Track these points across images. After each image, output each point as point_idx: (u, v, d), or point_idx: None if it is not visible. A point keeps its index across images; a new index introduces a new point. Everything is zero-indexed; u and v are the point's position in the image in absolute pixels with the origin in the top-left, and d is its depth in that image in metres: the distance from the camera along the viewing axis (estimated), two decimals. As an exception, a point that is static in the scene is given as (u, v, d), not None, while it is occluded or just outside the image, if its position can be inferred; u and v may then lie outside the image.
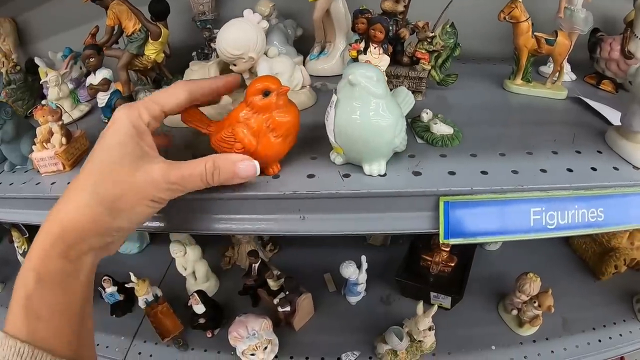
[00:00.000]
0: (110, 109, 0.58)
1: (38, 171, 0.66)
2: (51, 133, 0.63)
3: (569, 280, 0.96)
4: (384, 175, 0.46)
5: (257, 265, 0.93)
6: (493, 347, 0.85)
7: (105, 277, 1.00)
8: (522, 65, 0.69)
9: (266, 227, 0.46)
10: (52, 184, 0.61)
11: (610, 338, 0.86)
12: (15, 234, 1.14)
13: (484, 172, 0.47)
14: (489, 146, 0.51)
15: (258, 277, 0.93)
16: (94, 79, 0.56)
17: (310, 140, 0.51)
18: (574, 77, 0.83)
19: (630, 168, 0.50)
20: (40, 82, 0.93)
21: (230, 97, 0.59)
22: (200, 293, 0.88)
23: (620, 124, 0.53)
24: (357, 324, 0.92)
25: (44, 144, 0.62)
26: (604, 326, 0.88)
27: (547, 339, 0.86)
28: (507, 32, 0.68)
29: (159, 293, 0.96)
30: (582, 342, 0.85)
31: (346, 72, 0.42)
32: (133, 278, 0.92)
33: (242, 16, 0.56)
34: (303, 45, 0.84)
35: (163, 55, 0.75)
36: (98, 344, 1.00)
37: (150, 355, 0.94)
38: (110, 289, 0.99)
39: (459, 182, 0.45)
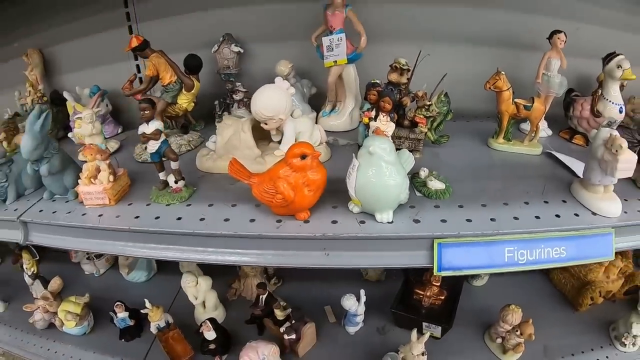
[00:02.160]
0: (159, 155, 0.74)
1: (81, 202, 0.79)
2: (98, 170, 0.77)
3: (549, 312, 1.14)
4: (391, 222, 0.63)
5: (264, 296, 1.07)
6: None
7: (118, 303, 1.12)
8: (503, 126, 0.89)
9: (296, 260, 0.62)
10: (100, 216, 0.75)
11: None
12: (25, 256, 1.26)
13: (468, 220, 0.65)
14: (473, 199, 0.69)
15: (265, 307, 1.07)
16: (147, 128, 0.71)
17: (330, 192, 0.68)
18: (550, 132, 1.03)
19: (589, 214, 0.69)
20: (73, 116, 1.06)
21: (259, 150, 0.76)
22: (212, 320, 1.02)
23: (582, 177, 0.72)
24: (355, 352, 1.07)
25: (91, 179, 0.76)
26: (582, 352, 1.05)
27: None
28: (492, 94, 0.87)
29: (170, 320, 1.09)
30: None
31: (366, 144, 0.60)
32: (148, 304, 1.05)
33: (264, 75, 0.74)
34: (315, 102, 1.02)
35: (193, 104, 0.92)
36: None
37: None
38: (122, 314, 1.12)
39: (449, 228, 0.63)
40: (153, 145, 0.70)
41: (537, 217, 0.67)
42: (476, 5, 0.95)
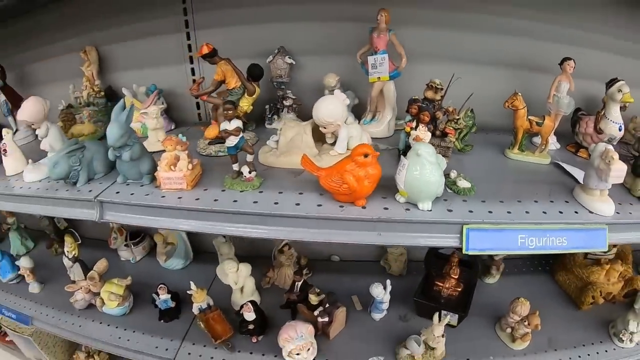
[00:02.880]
0: (236, 148, 0.99)
1: (156, 187, 1.03)
2: (177, 159, 1.02)
3: (554, 309, 1.41)
4: (430, 210, 0.90)
5: (299, 283, 1.34)
6: (491, 358, 1.27)
7: (161, 285, 1.37)
8: (518, 139, 1.17)
9: (356, 239, 0.89)
10: (179, 198, 1.00)
11: (588, 355, 1.30)
12: (68, 240, 1.50)
13: (490, 212, 0.92)
14: (493, 196, 0.97)
15: (300, 293, 1.33)
16: (229, 125, 0.96)
17: (377, 186, 0.94)
18: (558, 145, 1.31)
19: (587, 212, 0.96)
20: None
21: (316, 150, 1.04)
22: (253, 303, 1.28)
23: (582, 183, 0.99)
24: (380, 336, 1.34)
25: (171, 167, 1.01)
26: (583, 345, 1.33)
27: (535, 353, 1.31)
28: (509, 111, 1.15)
29: (211, 302, 1.34)
30: (565, 357, 1.29)
31: (415, 148, 0.87)
32: (193, 286, 1.31)
33: (312, 85, 1.03)
34: (356, 111, 1.30)
35: (251, 107, 1.19)
36: (148, 344, 1.36)
37: (200, 356, 1.31)
38: (165, 295, 1.37)
39: (475, 217, 0.90)
40: (232, 140, 0.96)
41: (544, 212, 0.95)
42: (498, 34, 1.25)
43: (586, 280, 1.46)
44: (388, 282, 1.34)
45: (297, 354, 1.23)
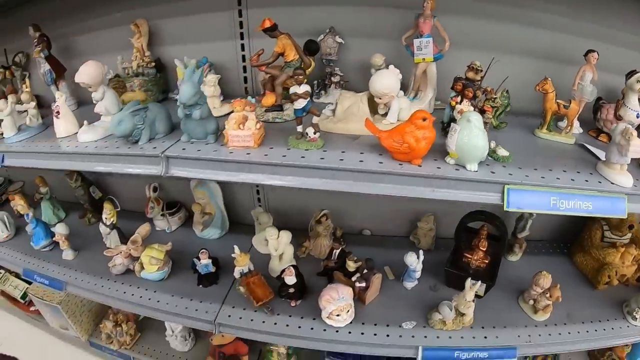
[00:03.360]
0: (303, 111, 1.19)
1: (222, 145, 1.23)
2: (245, 119, 1.22)
3: (572, 288, 1.65)
4: (476, 171, 1.13)
5: (338, 251, 1.55)
6: (515, 326, 1.50)
7: (203, 250, 1.57)
8: (547, 120, 1.41)
9: (413, 193, 1.11)
10: (248, 154, 1.20)
11: (604, 330, 1.53)
12: (108, 207, 1.70)
13: (526, 176, 1.15)
14: (527, 165, 1.20)
15: (338, 260, 1.54)
16: (299, 89, 1.16)
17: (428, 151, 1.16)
18: (581, 130, 1.56)
19: (609, 184, 1.20)
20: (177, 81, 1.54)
21: (371, 118, 1.26)
22: (295, 267, 1.48)
23: (605, 159, 1.23)
24: (411, 304, 1.55)
25: (240, 125, 1.22)
26: (599, 321, 1.56)
27: (555, 324, 1.53)
28: (539, 96, 1.40)
29: (252, 267, 1.54)
30: (582, 330, 1.52)
31: (466, 115, 1.10)
32: (236, 250, 1.51)
33: (359, 64, 1.30)
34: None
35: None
36: (187, 308, 1.55)
37: (240, 318, 1.51)
38: (206, 260, 1.56)
39: (514, 179, 1.12)
40: (301, 103, 1.17)
41: (572, 180, 1.18)
42: (530, 26, 1.49)
43: (602, 262, 1.69)
44: (421, 252, 1.56)
45: (337, 315, 1.44)
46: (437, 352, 1.47)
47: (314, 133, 1.18)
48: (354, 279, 1.51)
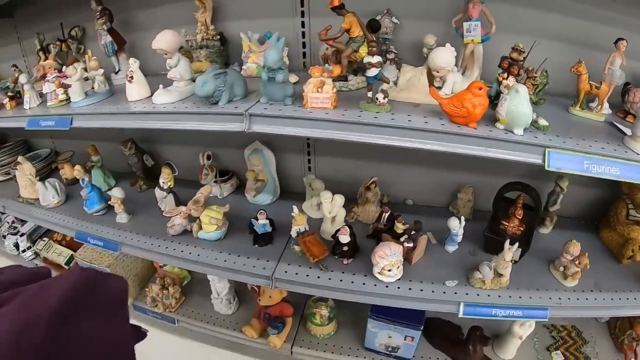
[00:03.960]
0: (375, 78, 1.54)
1: (299, 106, 1.59)
2: (322, 83, 1.58)
3: (599, 262, 2.01)
4: (522, 135, 1.50)
5: (387, 214, 1.90)
6: (547, 290, 1.86)
7: (261, 210, 1.92)
8: (580, 99, 1.79)
9: (470, 152, 1.47)
10: (326, 114, 1.54)
11: (627, 299, 1.89)
12: (166, 171, 2.03)
13: (564, 142, 1.52)
14: (563, 134, 1.57)
15: (387, 223, 1.90)
16: (372, 59, 1.50)
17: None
18: (610, 111, 1.93)
19: (634, 154, 1.56)
20: (247, 53, 1.89)
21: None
22: (350, 227, 1.83)
23: (631, 134, 1.60)
24: (452, 265, 1.91)
25: (318, 89, 1.57)
26: (623, 291, 1.91)
27: (583, 290, 1.88)
28: (572, 78, 1.77)
29: (307, 227, 1.89)
30: (607, 298, 1.87)
31: (515, 86, 1.47)
32: (295, 210, 1.85)
33: (411, 43, 1.67)
34: (448, 67, 1.90)
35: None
36: (244, 265, 1.90)
37: (296, 274, 1.85)
38: (263, 220, 1.90)
39: (554, 144, 1.49)
40: (373, 71, 1.53)
41: (602, 148, 1.55)
42: (568, 14, 1.87)
43: (627, 237, 2.06)
44: (462, 218, 1.91)
45: (389, 270, 1.78)
46: (476, 309, 1.81)
47: (383, 98, 1.53)
48: (402, 239, 1.86)
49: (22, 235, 3.40)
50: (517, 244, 1.80)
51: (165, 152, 2.66)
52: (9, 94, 2.27)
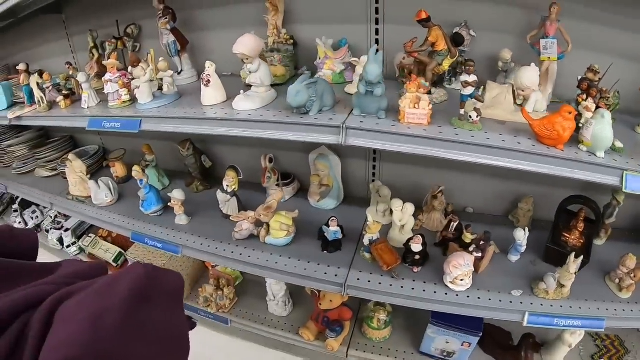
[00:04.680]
0: (470, 97, 1.83)
1: (395, 121, 1.88)
2: (418, 99, 1.87)
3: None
4: (604, 157, 1.83)
5: (455, 223, 2.22)
6: (603, 301, 2.22)
7: (332, 217, 2.21)
8: None
9: (557, 172, 1.79)
10: (424, 130, 1.83)
11: None
12: (231, 174, 2.30)
13: (639, 165, 1.86)
14: (637, 156, 1.90)
15: (455, 232, 2.22)
16: (469, 78, 1.80)
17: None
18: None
19: None
20: (323, 59, 2.16)
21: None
22: (422, 236, 2.14)
23: None
24: (516, 275, 2.25)
25: (415, 105, 1.86)
26: None
27: (636, 302, 2.25)
28: (636, 96, 2.11)
29: (378, 235, 2.19)
30: None
31: (601, 112, 1.80)
32: (370, 218, 2.15)
33: (487, 56, 1.98)
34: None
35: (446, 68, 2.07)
36: (316, 271, 2.20)
37: (369, 281, 2.16)
38: (335, 227, 2.20)
39: (631, 167, 1.82)
40: (469, 90, 1.83)
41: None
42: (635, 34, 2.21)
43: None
44: (526, 229, 2.25)
45: (461, 280, 2.11)
46: (540, 318, 2.16)
47: (477, 117, 1.83)
48: (471, 249, 2.18)
49: (66, 230, 3.75)
50: (580, 258, 2.15)
51: (222, 153, 2.92)
52: (64, 92, 2.47)
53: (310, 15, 2.36)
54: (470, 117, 1.84)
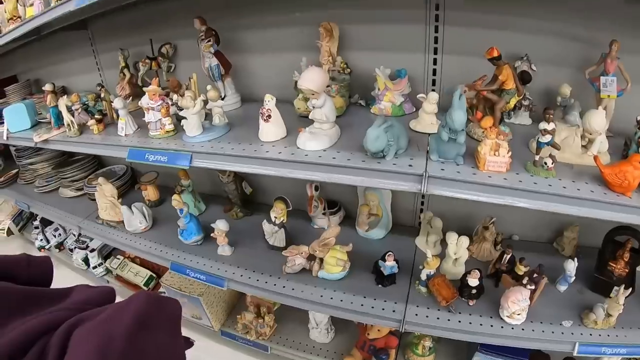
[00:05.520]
0: (547, 144, 2.07)
1: (472, 166, 2.11)
2: (498, 145, 2.10)
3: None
4: None
5: (508, 256, 2.49)
6: None
7: (389, 252, 2.43)
8: None
9: (629, 220, 2.07)
10: (505, 179, 2.09)
11: None
12: (280, 206, 2.49)
13: None
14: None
15: (507, 264, 2.49)
16: (548, 126, 2.02)
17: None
18: None
19: None
20: (383, 90, 2.37)
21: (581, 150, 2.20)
22: (480, 270, 2.40)
23: None
24: (564, 304, 2.57)
25: (494, 152, 2.09)
26: None
27: None
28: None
29: (435, 270, 2.43)
30: None
31: None
32: (429, 254, 2.39)
33: (545, 90, 2.33)
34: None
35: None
36: (373, 307, 2.42)
37: (427, 316, 2.41)
38: (391, 262, 2.42)
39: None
40: (547, 138, 2.07)
41: None
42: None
43: None
44: (575, 260, 2.55)
45: (518, 315, 2.39)
46: (589, 348, 2.50)
47: (552, 163, 2.07)
48: (524, 281, 2.46)
49: (92, 251, 3.87)
50: (630, 290, 2.46)
51: (263, 179, 3.05)
52: (96, 116, 2.55)
53: (364, 42, 2.54)
54: (546, 163, 2.08)
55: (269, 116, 2.23)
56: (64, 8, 2.37)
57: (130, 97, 2.93)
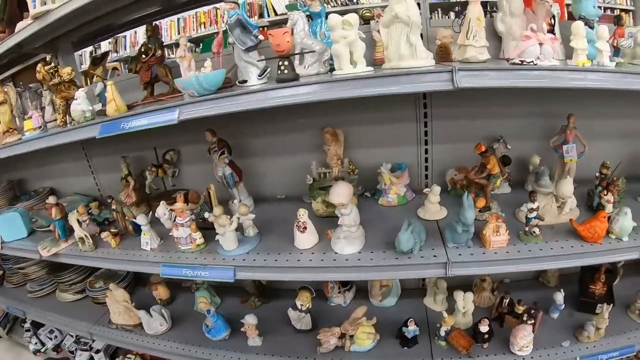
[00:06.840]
0: (535, 218, 3.05)
1: (480, 246, 3.09)
2: (498, 227, 3.07)
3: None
4: (627, 240, 3.18)
5: (507, 300, 3.50)
6: (630, 330, 3.69)
7: (410, 319, 3.40)
8: None
9: (602, 260, 3.10)
10: (507, 252, 3.15)
11: None
12: (305, 294, 3.40)
13: None
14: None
15: (508, 307, 3.49)
16: (534, 205, 3.05)
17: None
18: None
19: None
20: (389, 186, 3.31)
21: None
22: (487, 318, 3.38)
23: None
24: (559, 328, 3.69)
25: (495, 232, 3.07)
26: None
27: None
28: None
29: (451, 326, 3.40)
30: None
31: (624, 209, 3.22)
32: (445, 315, 3.35)
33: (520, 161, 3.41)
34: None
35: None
36: None
37: None
38: (413, 327, 3.38)
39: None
40: (534, 214, 3.11)
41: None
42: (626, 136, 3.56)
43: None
44: (562, 290, 3.58)
45: (526, 347, 3.40)
46: (589, 359, 3.52)
47: (539, 231, 3.05)
48: (524, 317, 3.47)
49: (97, 352, 4.20)
50: (611, 305, 3.51)
51: None
52: (112, 230, 3.25)
53: (364, 140, 3.49)
54: (534, 232, 3.06)
55: (305, 227, 3.08)
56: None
57: (136, 205, 3.48)
